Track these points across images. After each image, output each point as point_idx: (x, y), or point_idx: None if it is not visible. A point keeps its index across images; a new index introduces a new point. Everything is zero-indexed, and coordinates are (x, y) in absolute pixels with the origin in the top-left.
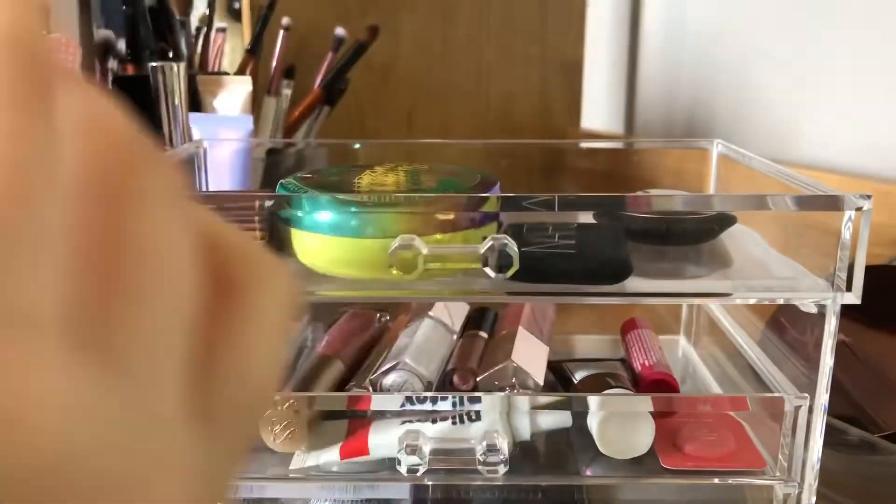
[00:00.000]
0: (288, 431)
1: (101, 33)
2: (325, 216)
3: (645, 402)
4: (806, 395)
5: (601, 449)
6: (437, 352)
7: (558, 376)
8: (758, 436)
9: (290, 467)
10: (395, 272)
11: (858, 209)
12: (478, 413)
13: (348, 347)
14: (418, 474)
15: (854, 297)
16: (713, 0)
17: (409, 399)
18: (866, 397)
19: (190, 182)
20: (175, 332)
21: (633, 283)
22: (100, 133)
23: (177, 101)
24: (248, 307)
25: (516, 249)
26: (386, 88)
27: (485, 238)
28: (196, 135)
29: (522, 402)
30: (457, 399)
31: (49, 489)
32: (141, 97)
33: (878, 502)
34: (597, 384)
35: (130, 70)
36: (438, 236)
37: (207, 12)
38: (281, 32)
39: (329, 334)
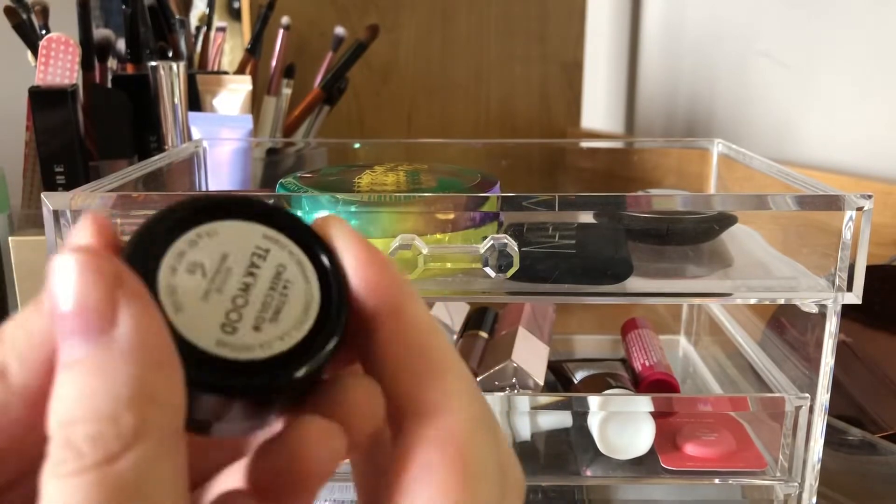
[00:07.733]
0: None
1: (101, 32)
2: None
3: (645, 402)
4: (806, 395)
5: (601, 449)
6: None
7: (558, 376)
8: (758, 436)
9: None
10: None
11: (859, 209)
12: None
13: None
14: None
15: (855, 297)
16: (713, 0)
17: None
18: (867, 397)
19: (189, 182)
20: None
21: (634, 283)
22: None
23: (176, 101)
24: None
25: (516, 249)
26: (386, 88)
27: (485, 238)
28: (195, 134)
29: (522, 402)
30: None
31: None
32: (140, 96)
33: (879, 502)
34: (597, 384)
35: (130, 69)
36: (438, 236)
37: (207, 11)
38: (281, 32)
39: None
